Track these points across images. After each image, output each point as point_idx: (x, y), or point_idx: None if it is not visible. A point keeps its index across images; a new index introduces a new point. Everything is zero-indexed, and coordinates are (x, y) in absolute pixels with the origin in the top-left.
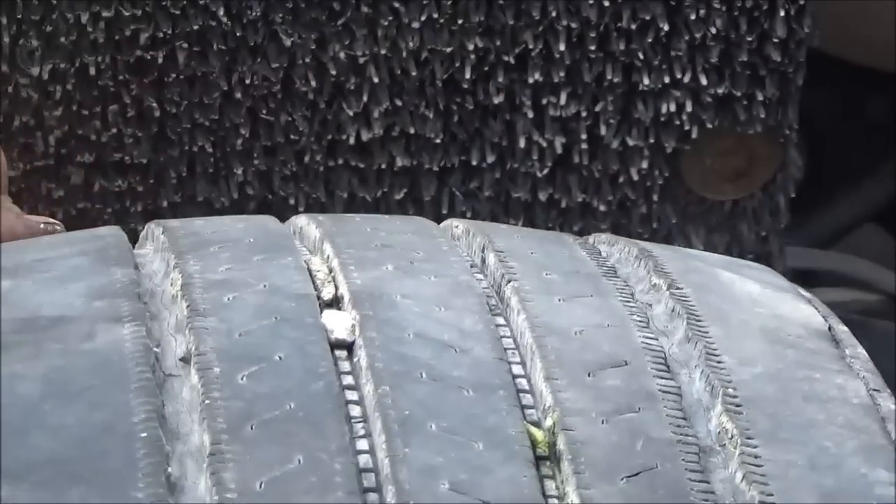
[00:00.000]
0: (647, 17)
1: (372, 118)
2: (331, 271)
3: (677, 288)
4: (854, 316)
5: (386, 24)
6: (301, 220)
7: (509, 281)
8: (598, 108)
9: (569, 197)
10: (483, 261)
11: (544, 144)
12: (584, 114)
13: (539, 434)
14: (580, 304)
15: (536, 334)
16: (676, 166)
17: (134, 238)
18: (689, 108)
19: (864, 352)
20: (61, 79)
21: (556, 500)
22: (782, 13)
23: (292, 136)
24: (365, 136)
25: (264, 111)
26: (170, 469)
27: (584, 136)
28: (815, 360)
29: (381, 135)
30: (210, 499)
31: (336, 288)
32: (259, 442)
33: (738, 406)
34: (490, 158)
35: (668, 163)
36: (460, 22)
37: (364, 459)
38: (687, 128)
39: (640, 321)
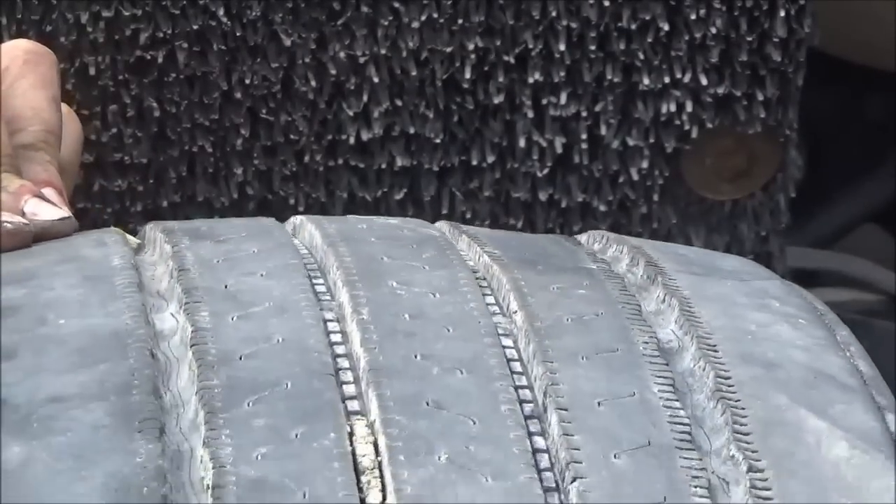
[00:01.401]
0: (647, 17)
1: (372, 118)
2: (377, 451)
3: (758, 470)
4: (854, 316)
5: (386, 24)
6: (342, 296)
7: (574, 479)
8: (598, 108)
9: (569, 197)
10: (545, 409)
11: (544, 144)
12: (584, 114)
13: None
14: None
15: None
16: (676, 166)
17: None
18: (689, 108)
19: None
20: (61, 79)
21: None
22: (782, 13)
23: (292, 136)
24: (365, 136)
25: (264, 111)
26: None
27: (584, 136)
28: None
29: (381, 135)
30: None
31: (383, 492)
32: None
33: None
34: (490, 158)
35: (668, 163)
36: (460, 22)
37: None
38: (687, 128)
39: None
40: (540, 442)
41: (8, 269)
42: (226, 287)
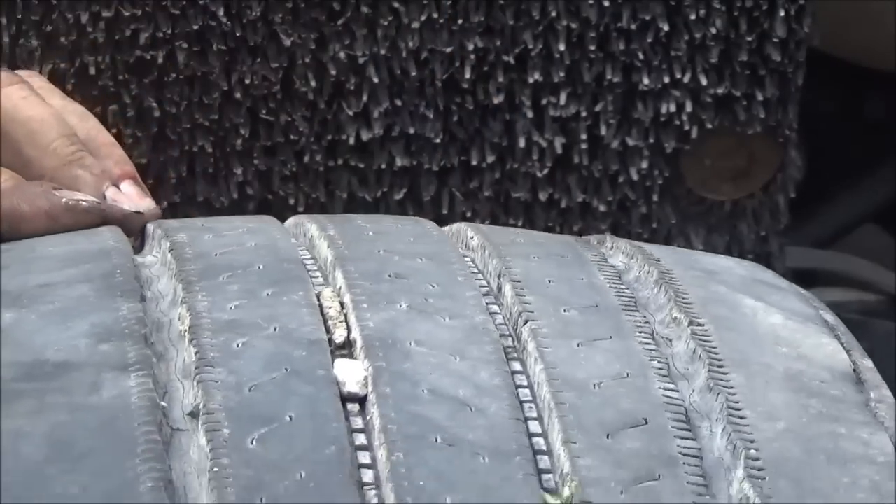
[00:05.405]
0: (647, 17)
1: (372, 118)
2: (342, 307)
3: (698, 324)
4: (854, 316)
5: (386, 24)
6: (311, 230)
7: (526, 321)
8: (598, 108)
9: (569, 197)
10: (499, 289)
11: (544, 144)
12: (584, 114)
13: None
14: (599, 350)
15: (554, 388)
16: (676, 166)
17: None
18: (689, 108)
19: (889, 393)
20: (61, 79)
21: None
22: (782, 13)
23: (292, 136)
24: (365, 136)
25: (264, 111)
26: None
27: (584, 136)
28: (839, 410)
29: (381, 135)
30: None
31: (348, 330)
32: None
33: (759, 470)
34: (490, 158)
35: (668, 163)
36: (460, 22)
37: None
38: (687, 128)
39: (659, 368)
40: (495, 308)
41: None
42: (202, 224)
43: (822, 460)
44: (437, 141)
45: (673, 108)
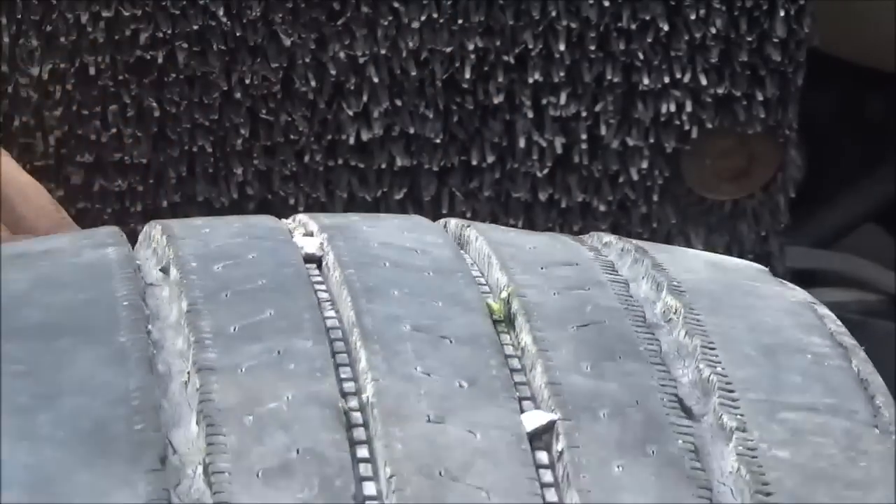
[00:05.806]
0: (647, 17)
1: (372, 118)
2: (303, 224)
3: (642, 248)
4: (854, 316)
5: (386, 24)
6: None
7: (469, 226)
8: (598, 108)
9: (569, 197)
10: (445, 227)
11: (544, 144)
12: (584, 114)
13: (495, 305)
14: (535, 236)
15: (493, 247)
16: (676, 166)
17: (134, 238)
18: (689, 108)
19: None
20: (61, 79)
21: (511, 347)
22: (782, 13)
23: (292, 136)
24: (365, 136)
25: (264, 111)
26: (150, 328)
27: (584, 136)
28: (755, 277)
29: (381, 135)
30: (187, 345)
31: (306, 228)
32: (233, 302)
33: (681, 292)
34: (490, 158)
35: (668, 163)
36: (460, 22)
37: (331, 322)
38: (687, 128)
39: (591, 249)
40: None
41: None
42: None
43: (739, 294)
44: (437, 141)
45: (673, 108)
